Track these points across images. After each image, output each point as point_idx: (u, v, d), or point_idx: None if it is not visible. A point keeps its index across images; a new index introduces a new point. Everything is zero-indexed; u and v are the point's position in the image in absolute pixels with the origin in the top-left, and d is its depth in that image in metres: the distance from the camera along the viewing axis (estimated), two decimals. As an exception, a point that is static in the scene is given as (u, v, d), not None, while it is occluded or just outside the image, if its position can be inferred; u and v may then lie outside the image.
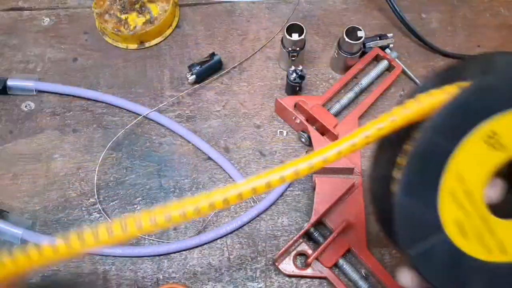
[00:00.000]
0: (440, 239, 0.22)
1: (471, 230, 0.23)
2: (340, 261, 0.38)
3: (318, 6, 0.52)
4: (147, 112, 0.45)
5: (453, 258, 0.23)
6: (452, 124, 0.22)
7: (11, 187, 0.43)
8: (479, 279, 0.23)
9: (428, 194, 0.22)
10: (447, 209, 0.22)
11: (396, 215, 0.22)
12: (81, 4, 0.53)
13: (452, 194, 0.22)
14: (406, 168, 0.22)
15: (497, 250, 0.23)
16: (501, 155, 0.22)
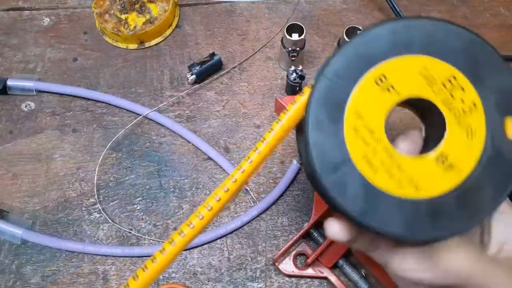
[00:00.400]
0: (350, 171, 0.24)
1: (379, 164, 0.24)
2: (340, 261, 0.38)
3: (318, 6, 0.52)
4: (147, 112, 0.45)
5: (365, 190, 0.24)
6: (347, 67, 0.25)
7: (11, 187, 0.43)
8: (397, 214, 0.24)
9: (333, 128, 0.24)
10: (354, 143, 0.24)
11: (309, 151, 0.24)
12: (81, 4, 0.53)
13: (355, 130, 0.24)
14: (311, 105, 0.24)
15: (408, 186, 0.24)
16: (394, 97, 0.25)
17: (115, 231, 0.41)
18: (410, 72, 0.25)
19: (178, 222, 0.41)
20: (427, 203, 0.24)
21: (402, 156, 0.24)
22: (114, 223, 0.41)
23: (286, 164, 0.44)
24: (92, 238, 0.41)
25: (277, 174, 0.43)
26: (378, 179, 0.24)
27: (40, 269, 0.39)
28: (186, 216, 0.42)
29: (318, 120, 0.24)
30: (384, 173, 0.24)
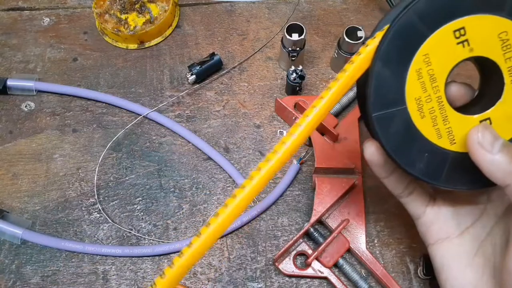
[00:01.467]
0: (400, 111, 0.26)
1: (427, 111, 0.26)
2: (340, 261, 0.38)
3: (318, 6, 0.52)
4: (147, 112, 0.45)
5: (407, 130, 0.26)
6: (432, 13, 0.24)
7: (11, 187, 0.43)
8: (425, 157, 0.26)
9: (400, 67, 0.25)
10: (412, 86, 0.25)
11: (370, 81, 0.25)
12: (81, 4, 0.53)
13: (418, 73, 0.25)
14: (386, 39, 0.25)
15: (446, 137, 0.26)
16: (465, 52, 0.25)
17: (115, 231, 0.41)
18: (490, 32, 0.25)
19: (178, 222, 0.41)
20: (455, 156, 0.26)
21: (452, 110, 0.26)
22: (114, 223, 0.41)
23: (286, 164, 0.44)
24: (92, 238, 0.41)
25: (277, 174, 0.43)
26: (422, 124, 0.26)
27: (40, 269, 0.39)
28: (186, 216, 0.42)
29: (389, 54, 0.25)
30: (430, 120, 0.26)
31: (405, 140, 0.26)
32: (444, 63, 0.25)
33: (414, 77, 0.25)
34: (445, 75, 0.26)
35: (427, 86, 0.25)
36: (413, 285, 0.38)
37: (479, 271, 0.28)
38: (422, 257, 0.39)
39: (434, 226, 0.31)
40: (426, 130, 0.26)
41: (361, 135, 0.44)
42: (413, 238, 0.40)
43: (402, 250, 0.40)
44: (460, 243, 0.30)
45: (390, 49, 0.25)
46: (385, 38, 0.25)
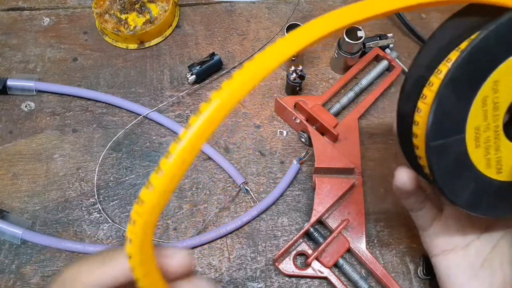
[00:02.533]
0: (459, 139, 0.24)
1: (483, 140, 0.25)
2: (340, 261, 0.38)
3: (318, 6, 0.52)
4: (147, 112, 0.45)
5: (460, 160, 0.25)
6: (508, 37, 0.22)
7: (11, 187, 0.43)
8: (471, 186, 0.25)
9: (467, 94, 0.23)
10: (475, 114, 0.24)
11: (434, 106, 0.23)
12: (81, 4, 0.53)
13: (483, 101, 0.23)
14: (457, 62, 0.23)
15: (494, 167, 0.25)
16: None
17: (115, 231, 0.41)
18: None
19: (178, 222, 0.41)
20: (499, 185, 0.26)
21: (506, 140, 0.25)
22: (114, 223, 0.41)
23: (286, 164, 0.44)
24: (92, 238, 0.41)
25: (277, 174, 0.43)
26: (476, 153, 0.25)
27: (40, 269, 0.39)
28: (186, 216, 0.42)
29: (459, 78, 0.23)
30: (483, 149, 0.25)
31: (456, 170, 0.25)
32: (511, 90, 0.24)
33: (479, 105, 0.23)
34: (508, 103, 0.24)
35: (489, 114, 0.24)
36: (413, 285, 0.38)
37: (485, 283, 0.28)
38: (422, 257, 0.39)
39: (439, 238, 0.31)
40: (477, 159, 0.25)
41: (361, 135, 0.44)
42: (413, 238, 0.40)
43: (402, 250, 0.40)
44: (465, 255, 0.29)
45: (461, 73, 0.23)
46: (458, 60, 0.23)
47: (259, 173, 0.43)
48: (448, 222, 0.30)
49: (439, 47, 0.25)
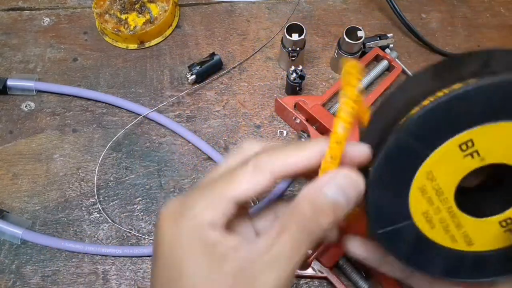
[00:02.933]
0: (407, 225, 0.24)
1: (438, 222, 0.24)
2: (340, 261, 0.38)
3: (318, 6, 0.52)
4: (147, 112, 0.45)
5: (418, 241, 0.24)
6: (432, 130, 0.22)
7: (11, 187, 0.43)
8: (440, 260, 0.25)
9: (399, 189, 0.23)
10: (417, 202, 0.24)
11: (368, 205, 0.24)
12: (81, 4, 0.53)
13: (422, 190, 0.23)
14: (378, 166, 0.23)
15: (463, 241, 0.25)
16: (475, 162, 0.23)
17: (115, 231, 0.41)
18: (503, 139, 0.22)
19: (178, 222, 0.41)
20: (473, 255, 0.25)
21: (465, 216, 0.24)
22: (114, 223, 0.41)
23: (286, 164, 0.43)
24: (92, 238, 0.41)
25: (277, 174, 0.43)
26: (434, 233, 0.24)
27: (40, 269, 0.39)
28: (186, 216, 0.41)
29: (382, 179, 0.23)
30: (441, 229, 0.24)
31: (417, 249, 0.25)
32: (451, 177, 0.23)
33: (417, 194, 0.23)
34: (454, 187, 0.23)
35: (434, 200, 0.24)
36: (413, 285, 0.38)
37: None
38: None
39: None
40: (439, 237, 0.24)
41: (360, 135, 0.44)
42: (413, 238, 0.40)
43: (402, 250, 0.40)
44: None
45: (383, 174, 0.23)
46: (375, 163, 0.23)
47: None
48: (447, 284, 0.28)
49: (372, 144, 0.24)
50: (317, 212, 0.22)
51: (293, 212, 0.23)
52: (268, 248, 0.22)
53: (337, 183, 0.23)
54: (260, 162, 0.24)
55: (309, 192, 0.23)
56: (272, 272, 0.22)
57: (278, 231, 0.23)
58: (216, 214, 0.23)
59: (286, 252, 0.22)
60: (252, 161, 0.24)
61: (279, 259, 0.22)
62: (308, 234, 0.23)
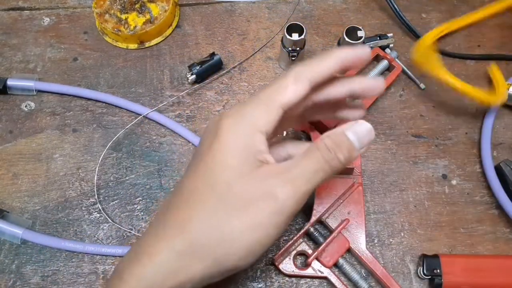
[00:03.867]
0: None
1: None
2: (340, 261, 0.38)
3: (318, 6, 0.52)
4: (147, 112, 0.45)
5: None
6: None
7: (11, 187, 0.43)
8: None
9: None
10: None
11: None
12: (81, 4, 0.53)
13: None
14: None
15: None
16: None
17: (115, 231, 0.41)
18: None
19: (178, 222, 0.41)
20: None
21: None
22: (114, 223, 0.41)
23: (286, 164, 0.44)
24: (92, 238, 0.41)
25: (277, 174, 0.43)
26: None
27: (40, 269, 0.39)
28: (186, 216, 0.42)
29: None
30: None
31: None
32: None
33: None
34: None
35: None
36: (413, 285, 0.38)
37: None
38: (422, 257, 0.39)
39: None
40: None
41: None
42: (413, 238, 0.40)
43: (402, 250, 0.40)
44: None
45: None
46: None
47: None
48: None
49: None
50: (337, 148, 0.27)
51: (318, 145, 0.28)
52: (293, 167, 0.27)
53: (355, 130, 0.28)
54: (298, 72, 0.29)
55: (333, 132, 0.28)
56: (291, 187, 0.27)
57: (303, 156, 0.28)
58: (268, 119, 0.28)
59: (306, 174, 0.27)
60: (292, 73, 0.29)
61: (300, 177, 0.27)
62: (326, 163, 0.27)
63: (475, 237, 0.40)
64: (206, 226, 0.26)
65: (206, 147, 0.28)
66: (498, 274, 0.37)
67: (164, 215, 0.29)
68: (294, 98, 0.28)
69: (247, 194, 0.26)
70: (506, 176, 0.40)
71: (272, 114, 0.28)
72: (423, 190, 0.42)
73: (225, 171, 0.27)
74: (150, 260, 0.27)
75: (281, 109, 0.28)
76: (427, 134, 0.45)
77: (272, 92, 0.29)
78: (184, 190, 0.29)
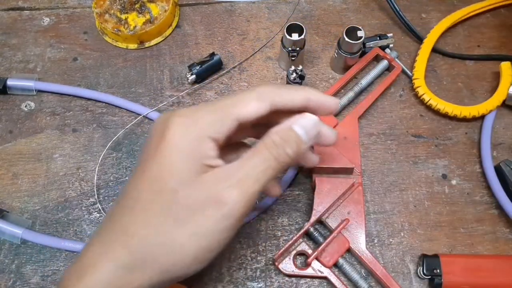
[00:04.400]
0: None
1: None
2: (340, 261, 0.38)
3: (318, 6, 0.52)
4: (147, 112, 0.45)
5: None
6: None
7: (11, 187, 0.43)
8: None
9: None
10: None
11: None
12: (81, 4, 0.53)
13: None
14: None
15: None
16: None
17: (115, 231, 0.41)
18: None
19: (178, 222, 0.41)
20: None
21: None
22: (114, 223, 0.41)
23: (286, 164, 0.44)
24: (92, 238, 0.41)
25: (277, 174, 0.43)
26: None
27: (40, 269, 0.39)
28: (186, 216, 0.42)
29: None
30: None
31: None
32: None
33: None
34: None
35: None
36: (413, 285, 0.39)
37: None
38: (422, 257, 0.39)
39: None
40: None
41: (361, 135, 0.44)
42: (413, 238, 0.40)
43: (402, 250, 0.40)
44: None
45: None
46: None
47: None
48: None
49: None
50: (285, 143, 0.28)
51: (265, 141, 0.28)
52: (240, 168, 0.27)
53: (301, 123, 0.29)
54: (263, 93, 0.29)
55: (280, 127, 0.29)
56: (238, 189, 0.26)
57: (250, 155, 0.27)
58: (221, 128, 0.27)
59: (254, 173, 0.27)
60: (257, 90, 0.29)
61: (247, 178, 0.26)
62: (275, 160, 0.27)
63: (475, 237, 0.40)
64: (151, 237, 0.26)
65: (153, 148, 0.28)
66: (498, 274, 0.37)
67: (110, 223, 0.28)
68: (252, 115, 0.28)
69: (193, 201, 0.26)
70: (506, 176, 0.41)
71: (226, 125, 0.28)
72: (423, 190, 0.42)
73: (171, 178, 0.26)
74: (94, 273, 0.26)
75: (237, 122, 0.28)
76: (427, 134, 0.45)
77: (232, 103, 0.28)
78: (129, 197, 0.28)
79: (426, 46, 0.47)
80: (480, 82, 0.47)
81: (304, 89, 0.30)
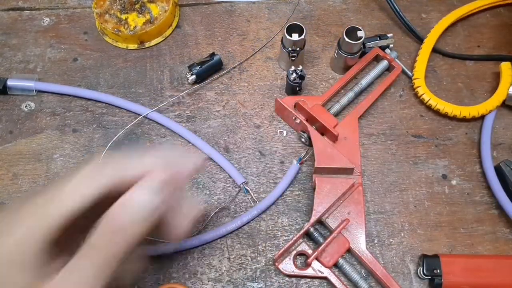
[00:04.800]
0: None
1: None
2: (340, 261, 0.38)
3: (318, 6, 0.52)
4: (147, 112, 0.45)
5: None
6: None
7: (11, 187, 0.43)
8: None
9: None
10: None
11: None
12: (81, 4, 0.53)
13: None
14: None
15: None
16: None
17: (115, 231, 0.41)
18: None
19: (178, 222, 0.41)
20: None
21: None
22: (114, 223, 0.41)
23: (286, 164, 0.44)
24: (92, 238, 0.41)
25: (277, 174, 0.43)
26: None
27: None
28: (186, 216, 0.42)
29: None
30: None
31: None
32: None
33: None
34: None
35: None
36: (413, 285, 0.39)
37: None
38: (422, 257, 0.39)
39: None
40: None
41: (360, 135, 0.44)
42: (413, 238, 0.40)
43: (402, 250, 0.40)
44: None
45: None
46: None
47: (259, 173, 0.43)
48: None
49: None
50: (112, 234, 0.23)
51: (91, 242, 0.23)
52: (65, 280, 0.22)
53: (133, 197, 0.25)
54: (88, 176, 0.25)
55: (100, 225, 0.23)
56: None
57: (74, 262, 0.22)
58: (45, 231, 0.23)
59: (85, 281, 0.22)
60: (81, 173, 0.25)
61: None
62: (105, 255, 0.23)
63: (475, 237, 0.40)
64: None
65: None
66: (498, 274, 0.37)
67: None
68: (77, 207, 0.24)
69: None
70: (506, 176, 0.41)
71: (51, 226, 0.23)
72: (423, 190, 0.42)
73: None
74: None
75: (61, 219, 0.23)
76: (427, 134, 0.45)
77: (51, 198, 0.24)
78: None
79: (426, 46, 0.47)
80: (480, 82, 0.47)
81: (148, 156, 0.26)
